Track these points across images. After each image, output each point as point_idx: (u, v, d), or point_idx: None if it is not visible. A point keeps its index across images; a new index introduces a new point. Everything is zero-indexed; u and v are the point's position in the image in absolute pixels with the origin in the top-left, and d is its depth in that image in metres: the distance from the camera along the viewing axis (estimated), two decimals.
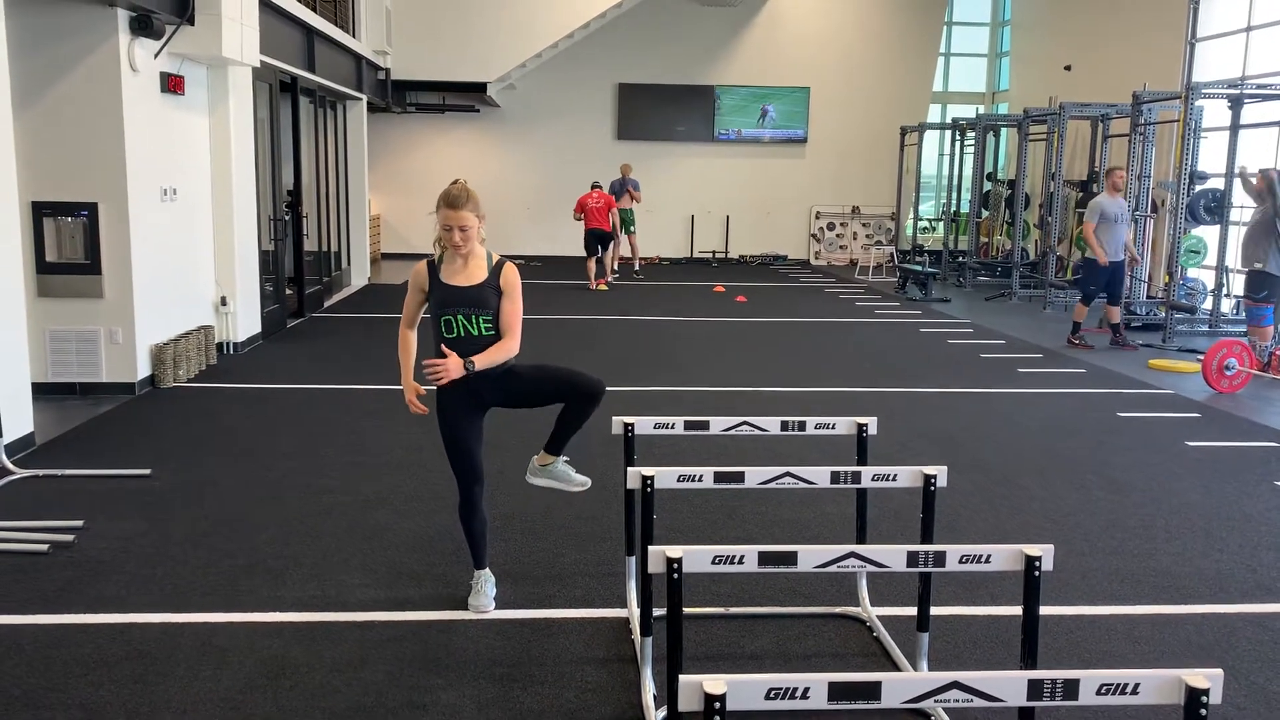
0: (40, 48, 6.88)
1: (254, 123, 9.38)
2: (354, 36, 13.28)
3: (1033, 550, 2.56)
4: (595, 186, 14.47)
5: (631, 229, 15.45)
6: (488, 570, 3.94)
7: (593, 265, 14.14)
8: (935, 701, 1.92)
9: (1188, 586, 4.24)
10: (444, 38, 15.02)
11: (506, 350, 3.71)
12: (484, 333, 3.69)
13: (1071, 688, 1.92)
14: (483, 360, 3.65)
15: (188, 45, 7.61)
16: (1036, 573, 2.56)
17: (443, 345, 3.69)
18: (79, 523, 4.65)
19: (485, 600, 3.87)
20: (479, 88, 15.68)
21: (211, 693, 3.24)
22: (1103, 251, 10.01)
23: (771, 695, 1.86)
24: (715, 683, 1.83)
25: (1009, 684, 1.93)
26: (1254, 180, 9.33)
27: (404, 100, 16.40)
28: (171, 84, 7.75)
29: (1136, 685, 1.91)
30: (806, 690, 1.87)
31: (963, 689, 1.91)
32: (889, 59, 18.41)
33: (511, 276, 3.75)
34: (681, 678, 1.85)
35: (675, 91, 18.22)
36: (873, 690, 1.89)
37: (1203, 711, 1.88)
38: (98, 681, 3.30)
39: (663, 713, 3.06)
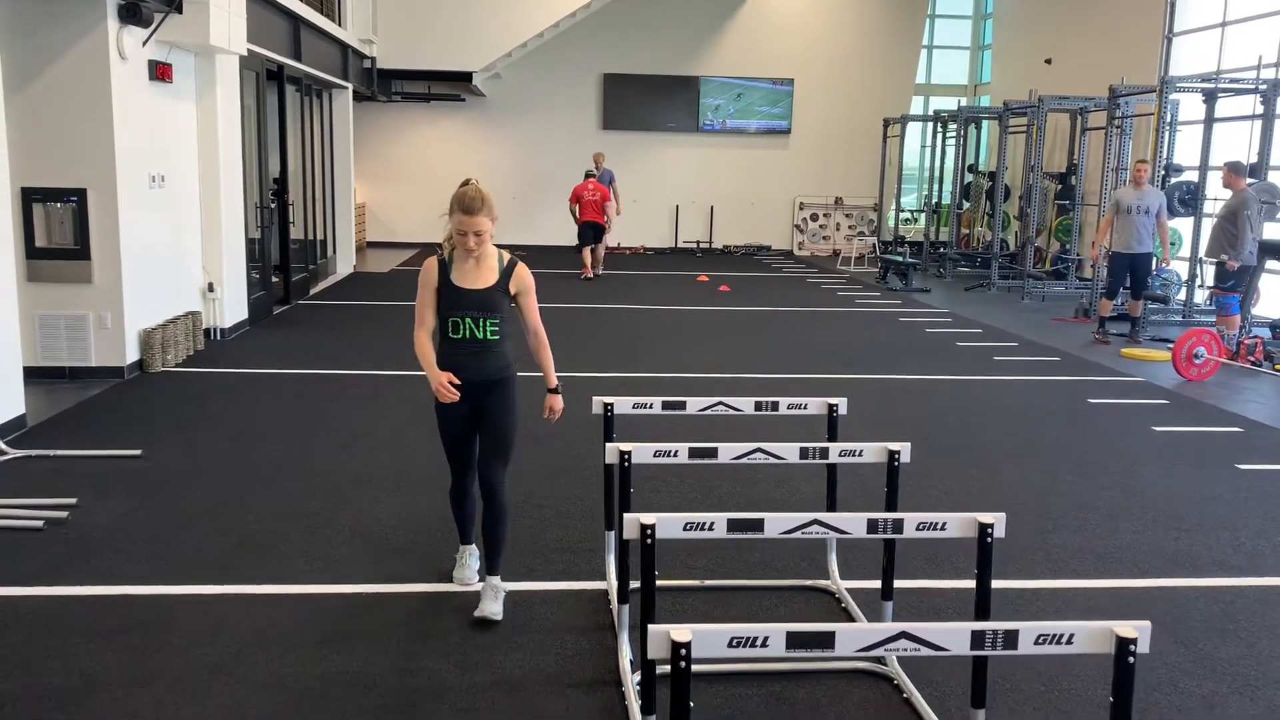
0: (29, 35, 6.96)
1: (241, 111, 9.45)
2: (340, 25, 13.34)
3: (985, 518, 2.72)
4: (589, 176, 14.62)
5: None
6: (473, 545, 4.07)
7: (587, 254, 14.31)
8: (886, 650, 2.07)
9: (1147, 562, 4.41)
10: (430, 27, 15.08)
11: (548, 349, 3.88)
12: (489, 335, 3.71)
13: (1011, 638, 2.08)
14: (552, 374, 3.90)
15: (176, 33, 7.69)
16: (989, 539, 2.72)
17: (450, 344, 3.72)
18: (73, 501, 4.77)
19: (469, 573, 4.00)
20: (465, 77, 15.75)
21: (206, 660, 3.37)
22: (1105, 240, 9.98)
23: (733, 644, 2.01)
24: (681, 632, 1.98)
25: (953, 634, 2.08)
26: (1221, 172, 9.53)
27: (389, 89, 16.45)
28: (159, 72, 7.83)
29: (1071, 636, 2.07)
30: (766, 639, 2.02)
31: (910, 639, 2.06)
32: (872, 51, 18.56)
33: (525, 277, 3.76)
34: (650, 627, 2.00)
35: (660, 82, 18.33)
36: (827, 639, 2.04)
37: (1130, 659, 2.03)
38: (96, 650, 3.42)
39: (639, 675, 3.20)
